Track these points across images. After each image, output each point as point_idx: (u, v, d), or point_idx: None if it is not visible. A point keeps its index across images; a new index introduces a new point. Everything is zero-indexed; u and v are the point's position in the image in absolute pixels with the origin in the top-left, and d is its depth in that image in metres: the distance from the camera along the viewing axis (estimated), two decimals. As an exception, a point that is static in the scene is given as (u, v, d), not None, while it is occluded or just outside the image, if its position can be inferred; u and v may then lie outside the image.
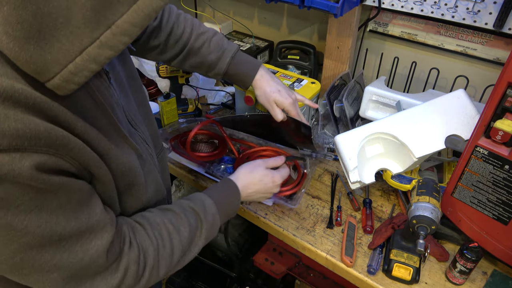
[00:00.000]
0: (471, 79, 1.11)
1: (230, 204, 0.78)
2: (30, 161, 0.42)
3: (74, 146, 0.47)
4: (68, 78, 0.43)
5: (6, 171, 0.41)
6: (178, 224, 0.66)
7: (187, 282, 1.55)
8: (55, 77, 0.43)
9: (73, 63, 0.43)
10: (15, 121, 0.41)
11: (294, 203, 0.97)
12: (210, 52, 0.93)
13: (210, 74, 0.97)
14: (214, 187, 0.79)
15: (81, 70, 0.43)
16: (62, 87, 0.44)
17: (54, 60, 0.42)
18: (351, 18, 1.15)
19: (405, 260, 0.83)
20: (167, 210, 0.68)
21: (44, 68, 0.42)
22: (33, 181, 0.43)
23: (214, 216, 0.72)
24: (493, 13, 0.97)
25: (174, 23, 0.91)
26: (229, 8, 1.58)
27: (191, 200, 0.72)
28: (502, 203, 0.76)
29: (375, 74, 1.32)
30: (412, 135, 0.91)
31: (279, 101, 0.96)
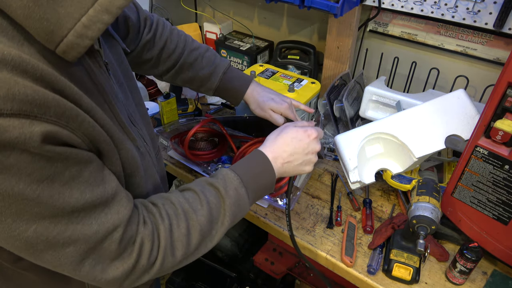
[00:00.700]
0: (471, 79, 1.11)
1: (259, 175, 0.68)
2: (40, 129, 0.41)
3: (83, 120, 0.47)
4: (82, 32, 0.43)
5: (16, 136, 0.40)
6: (195, 203, 0.61)
7: (187, 282, 1.55)
8: (68, 34, 0.43)
9: (86, 15, 0.43)
10: (25, 87, 0.40)
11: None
12: (203, 67, 0.94)
13: (202, 89, 0.97)
14: (240, 161, 0.70)
15: (95, 22, 0.43)
16: (75, 45, 0.44)
17: (67, 14, 0.42)
18: (351, 18, 1.15)
19: (405, 260, 0.83)
20: (185, 190, 0.64)
21: (58, 24, 0.42)
22: (43, 150, 0.42)
23: (237, 189, 0.64)
24: (493, 13, 0.97)
25: (167, 38, 0.91)
26: (229, 8, 1.58)
27: (212, 176, 0.66)
28: (502, 203, 0.76)
29: (375, 74, 1.32)
30: (412, 135, 0.91)
31: (274, 107, 0.95)
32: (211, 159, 1.09)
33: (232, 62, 1.52)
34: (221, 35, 1.56)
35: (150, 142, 0.74)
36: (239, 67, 1.51)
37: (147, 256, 0.55)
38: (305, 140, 0.73)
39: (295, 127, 0.74)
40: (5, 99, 0.39)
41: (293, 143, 0.72)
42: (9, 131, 0.39)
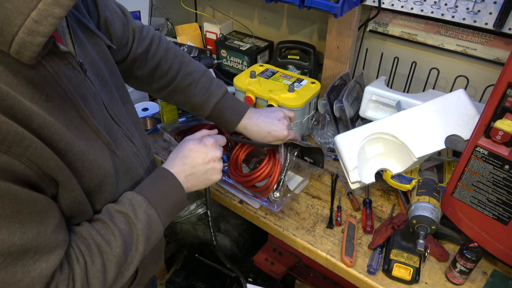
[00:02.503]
0: (471, 79, 1.11)
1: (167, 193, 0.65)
2: None
3: (30, 144, 0.43)
4: (32, 28, 0.40)
5: None
6: (107, 234, 0.57)
7: (187, 282, 1.55)
8: (18, 31, 0.40)
9: (36, 9, 0.40)
10: None
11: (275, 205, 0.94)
12: (195, 94, 0.90)
13: (194, 113, 0.96)
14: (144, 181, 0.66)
15: (45, 16, 0.40)
16: (28, 43, 0.40)
17: (15, 9, 0.39)
18: (351, 18, 1.15)
19: (405, 260, 0.83)
20: (94, 221, 0.59)
21: (6, 20, 0.39)
22: None
23: (147, 212, 0.61)
24: (493, 13, 0.97)
25: (161, 58, 0.88)
26: (229, 8, 1.58)
27: (118, 203, 0.62)
28: (502, 203, 0.76)
29: (375, 74, 1.32)
30: (412, 135, 0.91)
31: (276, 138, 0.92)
32: None
33: (232, 62, 1.52)
34: (221, 35, 1.56)
35: (140, 141, 0.72)
36: (239, 67, 1.51)
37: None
38: (202, 149, 0.71)
39: (192, 140, 0.73)
40: None
41: (191, 154, 0.70)
42: None
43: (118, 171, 0.61)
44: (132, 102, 0.76)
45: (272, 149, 0.99)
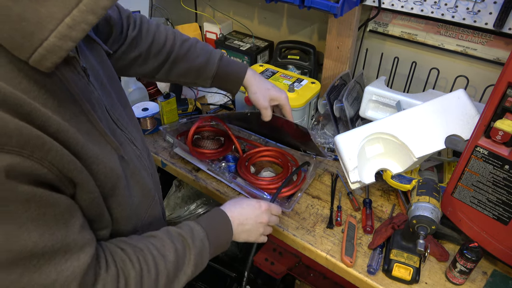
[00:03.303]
0: (471, 79, 1.11)
1: (221, 231, 0.72)
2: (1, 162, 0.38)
3: (50, 148, 0.43)
4: (65, 33, 0.41)
5: None
6: (163, 249, 0.61)
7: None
8: (50, 36, 0.40)
9: (71, 15, 0.40)
10: None
11: (289, 206, 0.97)
12: (198, 55, 0.91)
13: (199, 81, 0.94)
14: (203, 216, 0.74)
15: (79, 22, 0.41)
16: (57, 48, 0.41)
17: (49, 14, 0.39)
18: (351, 18, 1.15)
19: (405, 260, 0.83)
20: (151, 236, 0.63)
21: (38, 24, 0.39)
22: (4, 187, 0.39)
23: (202, 241, 0.67)
24: (493, 13, 0.97)
25: (155, 32, 0.89)
26: (229, 8, 1.58)
27: (179, 227, 0.67)
28: (502, 203, 0.76)
29: (375, 74, 1.32)
30: (412, 135, 0.91)
31: (275, 96, 0.95)
32: (216, 157, 1.10)
33: (232, 62, 1.52)
34: (221, 35, 1.56)
35: (141, 144, 0.72)
36: (239, 67, 1.51)
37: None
38: (257, 209, 0.80)
39: (251, 199, 0.83)
40: None
41: (248, 208, 0.79)
42: None
43: (126, 174, 0.62)
44: (130, 106, 0.76)
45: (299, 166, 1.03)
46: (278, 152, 1.13)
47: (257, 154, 1.13)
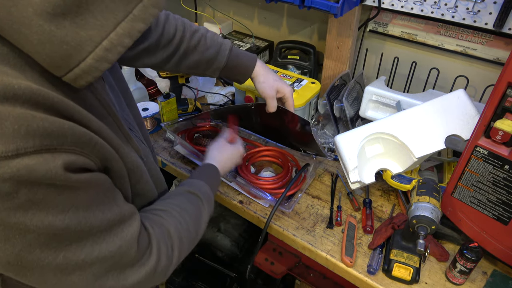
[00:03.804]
0: (471, 79, 1.11)
1: (215, 181, 0.85)
2: (61, 160, 0.41)
3: (96, 143, 0.47)
4: (102, 55, 0.43)
5: (43, 173, 0.40)
6: (183, 205, 0.69)
7: (187, 282, 1.54)
8: (87, 57, 0.42)
9: (108, 38, 0.42)
10: (41, 120, 0.40)
11: (289, 206, 0.97)
12: (208, 47, 0.91)
13: (208, 72, 0.95)
14: (198, 172, 0.84)
15: (116, 45, 0.43)
16: (93, 69, 0.43)
17: (88, 37, 0.41)
18: (351, 18, 1.15)
19: (405, 260, 0.83)
20: (166, 198, 0.70)
21: (78, 47, 0.41)
22: (65, 181, 0.42)
23: (208, 192, 0.78)
24: (493, 13, 0.97)
25: (164, 23, 0.87)
26: (229, 8, 1.58)
27: (184, 185, 0.76)
28: (502, 203, 0.76)
29: (375, 74, 1.32)
30: (412, 135, 0.91)
31: (281, 88, 0.97)
32: None
33: (232, 62, 1.52)
34: (221, 35, 1.56)
35: (149, 141, 0.75)
36: (239, 67, 1.51)
37: (166, 255, 0.59)
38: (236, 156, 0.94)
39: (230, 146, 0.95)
40: (26, 136, 0.39)
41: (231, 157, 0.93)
42: (36, 169, 0.39)
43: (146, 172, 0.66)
44: (135, 103, 0.77)
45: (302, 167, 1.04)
46: (278, 152, 1.13)
47: (257, 154, 1.13)
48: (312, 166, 1.06)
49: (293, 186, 1.00)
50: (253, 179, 1.02)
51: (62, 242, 0.45)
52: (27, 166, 0.39)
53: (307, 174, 1.05)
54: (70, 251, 0.46)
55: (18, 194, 0.39)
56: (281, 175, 1.04)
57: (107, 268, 0.51)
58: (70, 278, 0.48)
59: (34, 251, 0.44)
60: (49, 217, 0.42)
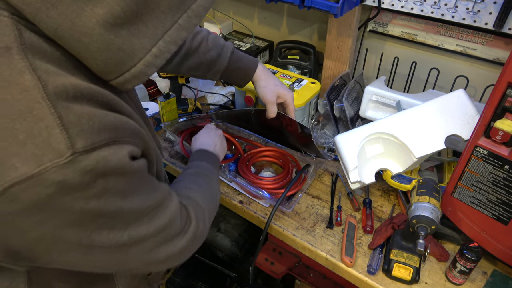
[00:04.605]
0: (471, 79, 1.11)
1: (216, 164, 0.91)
2: (126, 151, 0.45)
3: (141, 134, 0.51)
4: (151, 61, 0.47)
5: (115, 163, 0.43)
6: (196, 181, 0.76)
7: (187, 282, 1.54)
8: (138, 63, 0.46)
9: (157, 46, 0.46)
10: (107, 116, 0.44)
11: (289, 206, 0.97)
12: (209, 49, 0.92)
13: (209, 74, 0.95)
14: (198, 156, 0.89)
15: (163, 52, 0.47)
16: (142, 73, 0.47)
17: (141, 44, 0.45)
18: (351, 18, 1.15)
19: (405, 260, 0.83)
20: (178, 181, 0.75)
21: (131, 54, 0.45)
22: (130, 168, 0.46)
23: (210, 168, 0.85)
24: (493, 13, 0.97)
25: None
26: (229, 8, 1.58)
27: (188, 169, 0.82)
28: (502, 203, 0.76)
29: (375, 74, 1.32)
30: (412, 135, 0.91)
31: (282, 93, 0.96)
32: None
33: (232, 62, 1.52)
34: (221, 35, 1.56)
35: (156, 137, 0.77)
36: (239, 67, 1.51)
37: (202, 221, 0.65)
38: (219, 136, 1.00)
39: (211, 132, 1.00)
40: (99, 131, 0.42)
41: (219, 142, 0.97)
42: (110, 160, 0.43)
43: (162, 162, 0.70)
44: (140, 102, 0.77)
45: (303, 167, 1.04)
46: (279, 152, 1.13)
47: (257, 154, 1.13)
48: (312, 166, 1.06)
49: (293, 186, 0.99)
50: (253, 179, 1.03)
51: (127, 222, 0.49)
52: (103, 158, 0.42)
53: (308, 174, 1.05)
54: (133, 230, 0.50)
55: (96, 183, 0.42)
56: (281, 176, 1.04)
57: (159, 241, 0.55)
58: (131, 252, 0.52)
59: (103, 233, 0.47)
60: (118, 201, 0.46)
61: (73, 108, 0.41)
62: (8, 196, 0.39)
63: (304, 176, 1.04)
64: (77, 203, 0.42)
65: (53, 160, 0.39)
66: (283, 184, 1.03)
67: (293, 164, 1.10)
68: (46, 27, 0.41)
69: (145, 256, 0.55)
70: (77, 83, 0.42)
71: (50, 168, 0.39)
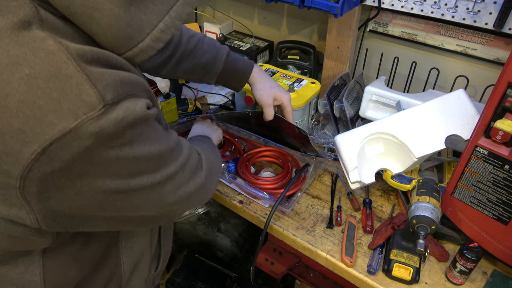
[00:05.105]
0: (471, 79, 1.11)
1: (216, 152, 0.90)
2: (144, 102, 0.48)
3: (150, 91, 0.54)
4: (158, 36, 0.49)
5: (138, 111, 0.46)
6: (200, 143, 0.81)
7: (187, 282, 1.55)
8: (145, 38, 0.48)
9: (163, 21, 0.49)
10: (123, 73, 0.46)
11: (288, 206, 0.97)
12: (205, 52, 0.92)
13: (205, 78, 0.95)
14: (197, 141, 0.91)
15: (169, 27, 0.50)
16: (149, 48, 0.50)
17: (148, 20, 0.48)
18: (351, 18, 1.15)
19: (405, 260, 0.83)
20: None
21: (139, 29, 0.48)
22: (150, 116, 0.49)
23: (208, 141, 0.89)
24: (493, 13, 0.97)
25: None
26: (229, 8, 1.58)
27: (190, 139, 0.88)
28: (502, 203, 0.76)
29: (375, 74, 1.32)
30: (412, 135, 0.91)
31: (278, 96, 0.96)
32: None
33: (232, 62, 1.52)
34: (221, 35, 1.56)
35: None
36: (239, 67, 1.51)
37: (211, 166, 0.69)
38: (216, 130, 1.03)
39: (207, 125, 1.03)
40: (121, 85, 0.45)
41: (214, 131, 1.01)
42: (134, 109, 0.46)
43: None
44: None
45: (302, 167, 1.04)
46: (278, 152, 1.13)
47: (257, 154, 1.13)
48: (312, 166, 1.06)
49: (292, 186, 0.99)
50: (252, 179, 1.02)
51: (157, 164, 0.53)
52: (128, 108, 0.45)
53: (307, 174, 1.05)
54: (162, 169, 0.54)
55: (126, 131, 0.45)
56: (281, 175, 1.04)
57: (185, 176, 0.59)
58: (165, 189, 0.55)
59: (138, 177, 0.50)
60: (147, 146, 0.49)
61: (94, 67, 0.44)
62: (48, 155, 0.42)
63: (303, 176, 1.04)
64: (113, 151, 0.45)
65: (88, 113, 0.42)
66: (282, 184, 1.03)
67: (293, 163, 1.10)
68: (59, 4, 0.44)
69: (177, 192, 0.58)
70: (94, 49, 0.45)
71: (86, 120, 0.42)
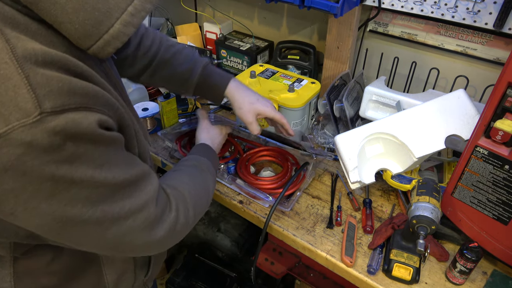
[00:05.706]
0: (471, 79, 1.11)
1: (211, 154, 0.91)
2: (96, 118, 0.45)
3: (117, 107, 0.51)
4: (128, 20, 0.47)
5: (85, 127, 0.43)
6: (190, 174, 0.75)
7: (187, 282, 1.55)
8: (115, 23, 0.47)
9: (133, 4, 0.47)
10: (78, 82, 0.44)
11: (288, 206, 0.97)
12: (181, 63, 0.91)
13: (182, 89, 0.95)
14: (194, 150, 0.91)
15: (139, 10, 0.48)
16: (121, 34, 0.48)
17: (116, 4, 0.46)
18: (351, 18, 1.15)
19: (405, 260, 0.83)
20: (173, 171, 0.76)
21: (107, 13, 0.46)
22: (100, 136, 0.46)
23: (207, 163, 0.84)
24: (493, 13, 0.97)
25: (143, 34, 0.90)
26: (229, 8, 1.58)
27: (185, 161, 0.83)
28: (502, 203, 0.76)
29: (375, 74, 1.32)
30: (412, 135, 0.91)
31: (261, 110, 0.94)
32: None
33: (232, 62, 1.52)
34: (221, 35, 1.56)
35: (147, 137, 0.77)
36: (239, 67, 1.51)
37: (184, 215, 0.64)
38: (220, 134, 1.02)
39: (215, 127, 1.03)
40: (69, 94, 0.42)
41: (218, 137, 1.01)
42: (80, 123, 0.43)
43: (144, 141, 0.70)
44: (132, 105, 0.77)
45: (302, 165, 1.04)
46: (278, 152, 1.13)
47: (257, 153, 1.13)
48: (311, 165, 1.06)
49: (291, 185, 0.99)
50: (252, 180, 1.02)
51: (100, 196, 0.49)
52: (73, 120, 0.42)
53: (307, 173, 1.05)
54: (106, 204, 0.49)
55: (65, 146, 0.42)
56: (280, 175, 1.04)
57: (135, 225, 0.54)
58: (109, 232, 0.51)
59: (76, 205, 0.47)
60: (89, 170, 0.46)
61: (41, 71, 0.41)
62: None
63: (303, 175, 1.04)
64: (49, 168, 0.42)
65: (21, 119, 0.39)
66: (282, 183, 1.03)
67: (292, 162, 1.10)
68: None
69: (122, 239, 0.54)
70: (49, 51, 0.43)
71: (18, 127, 0.39)
